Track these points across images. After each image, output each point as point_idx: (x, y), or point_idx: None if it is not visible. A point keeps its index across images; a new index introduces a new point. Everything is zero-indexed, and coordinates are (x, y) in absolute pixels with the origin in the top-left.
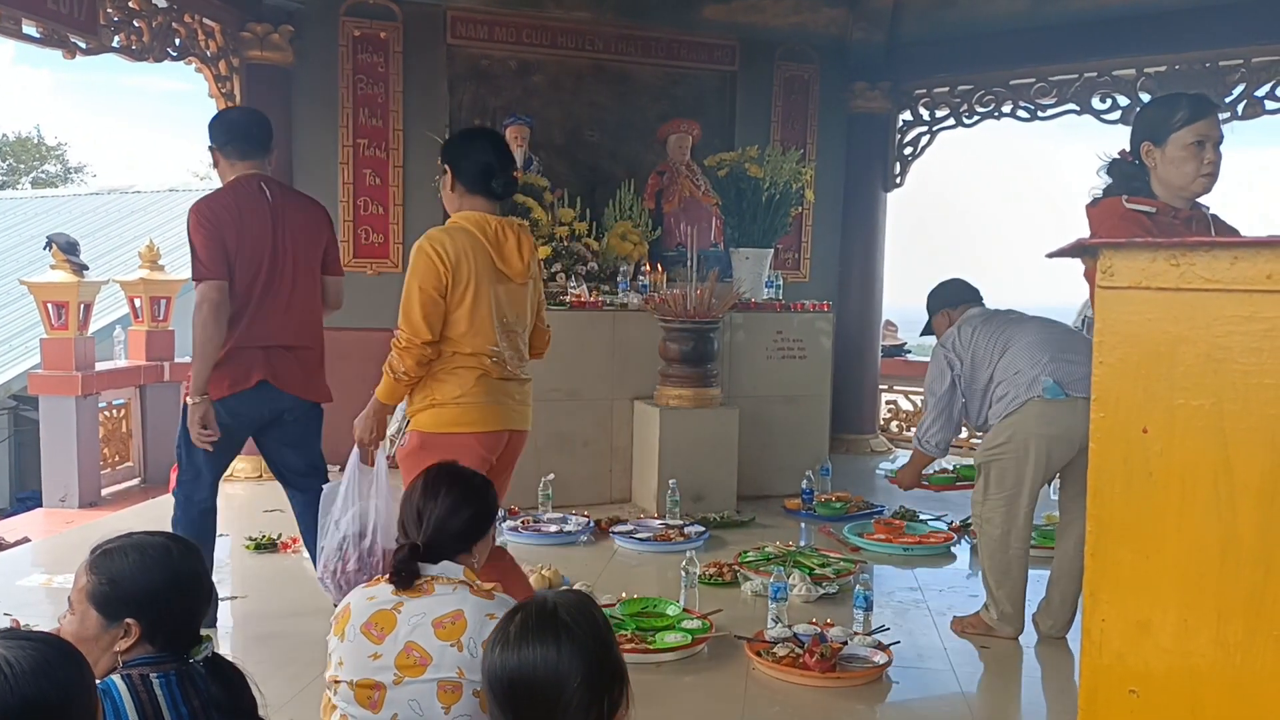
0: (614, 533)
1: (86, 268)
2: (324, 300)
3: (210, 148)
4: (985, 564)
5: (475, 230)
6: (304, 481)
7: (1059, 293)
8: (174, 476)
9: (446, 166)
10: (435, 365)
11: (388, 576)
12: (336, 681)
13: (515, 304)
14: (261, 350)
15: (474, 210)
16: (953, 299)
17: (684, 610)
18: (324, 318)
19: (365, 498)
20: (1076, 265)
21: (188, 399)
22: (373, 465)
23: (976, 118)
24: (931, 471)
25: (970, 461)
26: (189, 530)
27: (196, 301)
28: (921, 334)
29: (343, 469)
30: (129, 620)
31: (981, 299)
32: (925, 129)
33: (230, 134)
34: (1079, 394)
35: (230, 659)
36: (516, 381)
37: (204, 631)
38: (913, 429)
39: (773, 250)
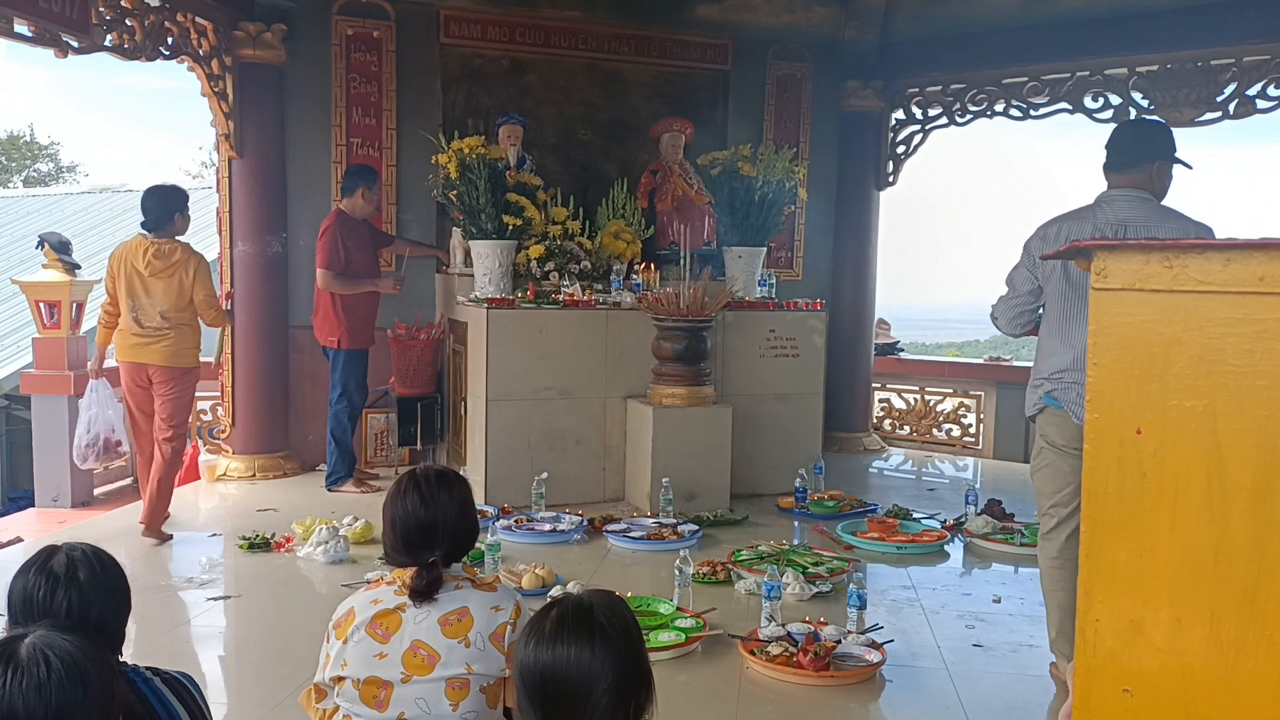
0: (607, 531)
1: (79, 267)
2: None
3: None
4: (1065, 600)
5: (128, 248)
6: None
7: None
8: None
9: None
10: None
11: (399, 588)
12: (339, 680)
13: (150, 289)
14: None
15: (136, 237)
16: (1122, 158)
17: (678, 609)
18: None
19: (87, 407)
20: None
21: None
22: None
23: (969, 116)
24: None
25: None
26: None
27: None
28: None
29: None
30: None
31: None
32: (918, 128)
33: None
34: (1077, 418)
35: (176, 673)
36: (148, 336)
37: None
38: (906, 427)
39: (765, 249)
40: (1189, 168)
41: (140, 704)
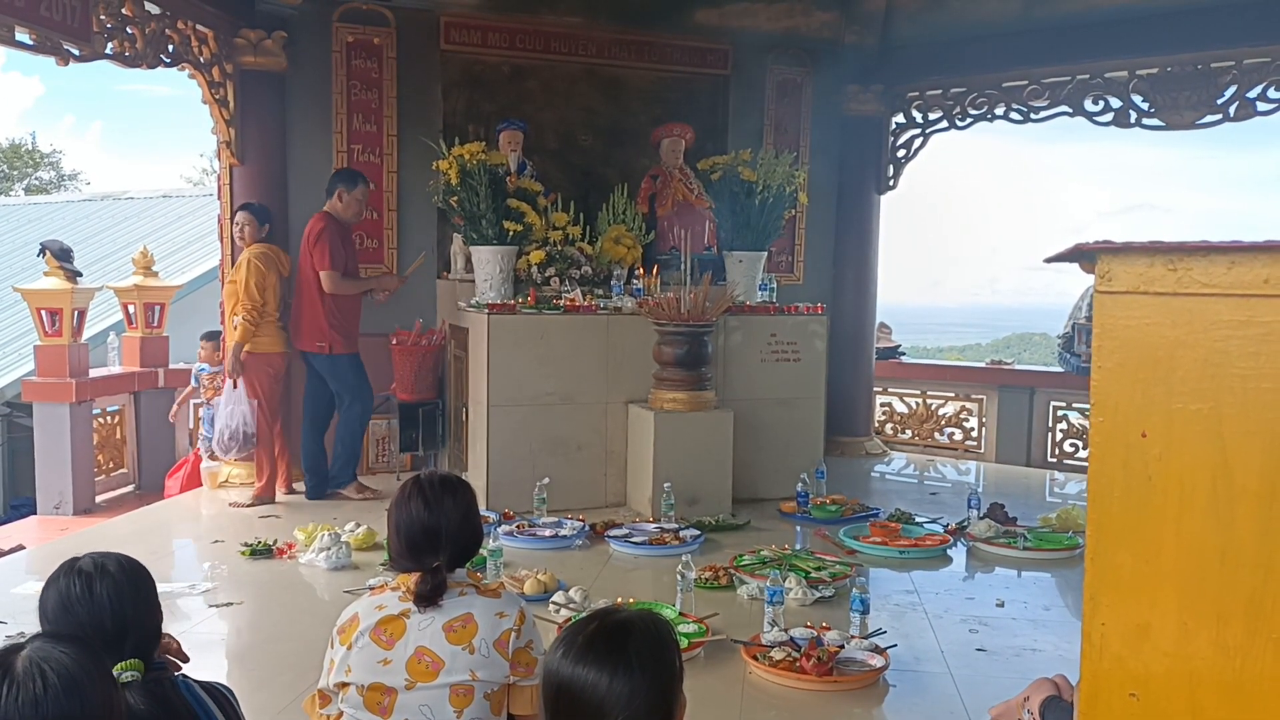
0: (609, 537)
1: (80, 274)
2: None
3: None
4: None
5: (272, 253)
6: None
7: (1052, 293)
8: (170, 482)
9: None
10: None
11: (403, 594)
12: (343, 686)
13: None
14: None
15: (272, 247)
16: None
17: (680, 614)
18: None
19: (226, 404)
20: (1071, 269)
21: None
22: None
23: (969, 120)
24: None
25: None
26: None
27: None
28: None
29: None
30: None
31: None
32: (918, 131)
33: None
34: None
35: (215, 683)
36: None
37: (130, 661)
38: (908, 431)
39: (766, 253)
40: None
41: (185, 709)
